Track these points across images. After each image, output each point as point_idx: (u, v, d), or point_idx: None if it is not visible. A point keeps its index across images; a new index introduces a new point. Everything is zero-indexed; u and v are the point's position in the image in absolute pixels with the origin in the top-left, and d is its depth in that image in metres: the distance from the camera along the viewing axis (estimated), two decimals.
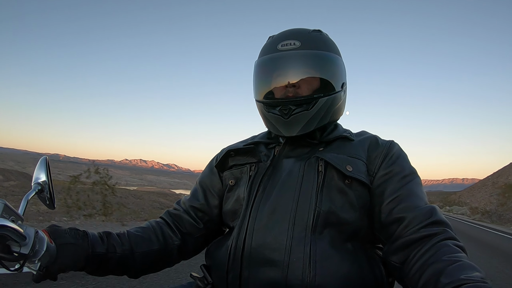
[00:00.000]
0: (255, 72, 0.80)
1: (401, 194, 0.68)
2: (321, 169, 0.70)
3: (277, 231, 0.65)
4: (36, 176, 0.62)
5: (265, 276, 0.64)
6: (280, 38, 0.77)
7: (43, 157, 0.65)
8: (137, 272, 0.75)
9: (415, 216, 0.64)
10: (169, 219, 0.83)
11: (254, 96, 0.82)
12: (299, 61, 0.74)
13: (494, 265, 4.80)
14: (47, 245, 0.55)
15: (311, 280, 0.61)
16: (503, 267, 4.70)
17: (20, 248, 0.50)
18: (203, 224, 0.82)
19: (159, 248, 0.76)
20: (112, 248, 0.68)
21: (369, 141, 0.77)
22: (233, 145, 0.88)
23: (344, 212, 0.67)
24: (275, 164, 0.76)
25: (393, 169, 0.71)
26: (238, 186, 0.77)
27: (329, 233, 0.66)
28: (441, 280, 0.51)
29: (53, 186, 0.64)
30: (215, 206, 0.83)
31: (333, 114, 0.78)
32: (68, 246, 0.60)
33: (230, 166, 0.81)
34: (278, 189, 0.70)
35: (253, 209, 0.69)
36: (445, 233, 0.61)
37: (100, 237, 0.69)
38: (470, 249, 1.09)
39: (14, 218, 0.51)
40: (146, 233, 0.77)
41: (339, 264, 0.64)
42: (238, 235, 0.68)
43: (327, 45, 0.77)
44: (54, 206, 0.65)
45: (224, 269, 0.69)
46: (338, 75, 0.77)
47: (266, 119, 0.79)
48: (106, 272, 0.70)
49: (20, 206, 0.56)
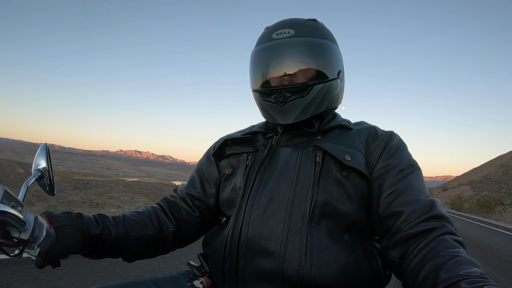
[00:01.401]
0: (250, 62, 0.80)
1: (400, 187, 0.67)
2: (319, 159, 0.70)
3: (274, 221, 0.65)
4: (36, 162, 0.63)
5: (261, 266, 0.64)
6: (275, 28, 0.77)
7: (44, 144, 0.65)
8: (132, 256, 0.76)
9: (414, 210, 0.63)
10: (165, 205, 0.84)
11: (250, 86, 0.82)
12: (293, 48, 0.74)
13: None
14: (47, 231, 0.55)
15: (307, 270, 0.61)
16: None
17: (19, 234, 0.51)
18: (199, 212, 0.83)
19: (154, 234, 0.77)
20: (107, 230, 0.69)
21: (367, 132, 0.77)
22: (231, 134, 0.88)
23: (341, 203, 0.67)
24: (273, 154, 0.76)
25: (392, 161, 0.71)
26: (234, 175, 0.78)
27: (326, 224, 0.66)
28: (440, 275, 0.51)
29: (53, 172, 0.64)
30: (211, 194, 0.83)
31: (330, 102, 0.77)
32: (64, 228, 0.61)
33: (227, 155, 0.81)
34: (275, 178, 0.70)
35: (250, 198, 0.69)
36: (444, 228, 0.60)
37: (95, 219, 0.69)
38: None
39: (14, 204, 0.52)
40: (141, 217, 0.77)
41: (336, 255, 0.64)
42: (234, 225, 0.68)
43: (322, 33, 0.77)
44: (54, 192, 0.65)
45: (221, 259, 0.69)
46: (333, 63, 0.77)
47: (262, 107, 0.79)
48: (101, 254, 0.71)
49: (20, 192, 0.56)
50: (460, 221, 12.74)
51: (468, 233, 8.14)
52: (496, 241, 7.03)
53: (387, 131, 0.78)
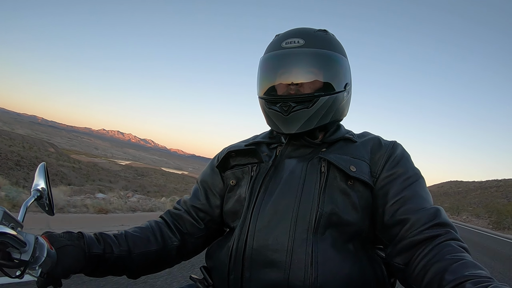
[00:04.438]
0: (258, 68, 0.81)
1: (405, 196, 0.68)
2: (324, 170, 0.70)
3: (279, 232, 0.65)
4: (35, 182, 0.63)
5: (267, 277, 0.64)
6: (285, 36, 0.77)
7: (42, 164, 0.65)
8: (136, 272, 0.76)
9: (419, 218, 0.64)
10: (169, 219, 0.83)
11: (257, 92, 0.82)
12: (301, 58, 0.74)
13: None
14: (48, 251, 0.55)
15: (313, 281, 0.61)
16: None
17: (20, 255, 0.51)
18: (204, 225, 0.82)
19: (158, 249, 0.76)
20: (109, 249, 0.68)
21: (372, 142, 0.77)
22: (234, 145, 0.88)
23: (347, 213, 0.67)
24: (277, 165, 0.76)
25: (396, 171, 0.71)
26: (239, 186, 0.77)
27: (330, 234, 0.66)
28: (446, 277, 0.51)
29: (52, 193, 0.64)
30: (216, 206, 0.82)
31: (335, 114, 0.77)
32: (65, 248, 0.60)
33: (231, 166, 0.80)
34: (280, 189, 0.70)
35: (255, 209, 0.69)
36: (448, 234, 0.61)
37: (96, 237, 0.69)
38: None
39: (13, 225, 0.52)
40: (144, 233, 0.77)
41: (341, 265, 0.64)
42: (239, 236, 0.68)
43: (331, 44, 0.77)
44: (54, 212, 0.65)
45: (225, 271, 0.69)
46: (341, 75, 0.77)
47: (267, 115, 0.79)
48: (104, 273, 0.70)
49: (20, 213, 0.57)
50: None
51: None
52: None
53: (390, 141, 0.78)
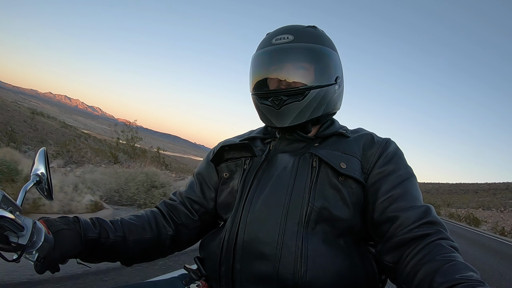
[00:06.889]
0: (250, 65, 0.82)
1: (395, 193, 0.68)
2: (315, 165, 0.71)
3: (270, 225, 0.66)
4: (35, 167, 0.63)
5: (257, 269, 0.65)
6: (275, 33, 0.79)
7: (42, 149, 0.65)
8: (130, 259, 0.77)
9: (409, 216, 0.64)
10: (164, 209, 0.84)
11: (249, 89, 0.83)
12: (291, 53, 0.75)
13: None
14: (45, 236, 0.56)
15: (302, 274, 0.62)
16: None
17: (18, 239, 0.51)
18: (198, 216, 0.84)
19: (152, 237, 0.77)
20: (105, 233, 0.70)
21: (364, 138, 0.78)
22: (229, 139, 0.90)
23: (337, 208, 0.68)
24: (270, 159, 0.77)
25: (388, 168, 0.72)
26: (232, 179, 0.79)
27: (322, 228, 0.67)
28: (436, 279, 0.51)
29: (51, 177, 0.65)
30: (211, 198, 0.84)
31: (327, 106, 0.78)
32: (62, 232, 0.61)
33: (225, 159, 0.82)
34: (271, 183, 0.71)
35: (246, 202, 0.71)
36: (438, 233, 0.61)
37: (92, 222, 0.70)
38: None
39: (12, 209, 0.52)
40: (139, 221, 0.78)
41: (331, 259, 0.64)
42: (231, 228, 0.70)
43: (320, 39, 0.79)
44: (52, 197, 0.66)
45: (217, 262, 0.70)
46: (331, 68, 0.78)
47: (259, 110, 0.81)
48: (99, 258, 0.71)
49: (18, 197, 0.57)
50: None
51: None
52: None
53: (383, 138, 0.79)
